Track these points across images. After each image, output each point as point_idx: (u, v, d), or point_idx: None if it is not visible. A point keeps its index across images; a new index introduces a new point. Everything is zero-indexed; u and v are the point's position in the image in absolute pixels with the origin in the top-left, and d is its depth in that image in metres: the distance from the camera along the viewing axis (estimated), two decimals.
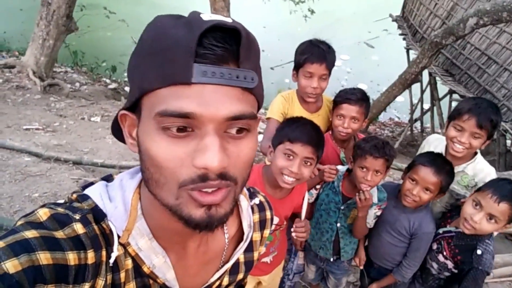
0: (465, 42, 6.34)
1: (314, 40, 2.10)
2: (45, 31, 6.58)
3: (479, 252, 1.79)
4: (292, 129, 1.61)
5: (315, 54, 2.00)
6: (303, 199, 1.84)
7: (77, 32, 7.16)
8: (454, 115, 1.90)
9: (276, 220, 1.71)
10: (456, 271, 1.90)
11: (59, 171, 3.86)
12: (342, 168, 2.01)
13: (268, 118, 2.17)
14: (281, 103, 2.17)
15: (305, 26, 12.05)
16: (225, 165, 0.53)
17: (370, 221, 2.00)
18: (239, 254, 0.81)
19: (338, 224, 2.03)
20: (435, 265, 2.00)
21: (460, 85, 6.27)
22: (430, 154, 1.92)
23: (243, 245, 0.81)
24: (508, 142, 6.03)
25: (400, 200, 1.97)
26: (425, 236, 1.93)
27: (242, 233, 0.82)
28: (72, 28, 6.90)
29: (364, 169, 1.82)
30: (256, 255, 0.90)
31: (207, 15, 0.53)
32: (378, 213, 2.00)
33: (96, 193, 0.66)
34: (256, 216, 0.89)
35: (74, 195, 0.65)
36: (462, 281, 1.82)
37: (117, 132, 0.69)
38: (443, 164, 1.83)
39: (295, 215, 1.87)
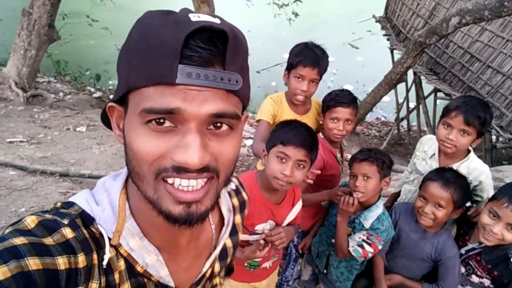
0: (448, 41, 6.44)
1: (309, 43, 2.10)
2: (26, 41, 6.45)
3: None
4: (285, 132, 1.60)
5: (309, 58, 2.01)
6: (293, 205, 1.81)
7: (59, 41, 7.03)
8: (444, 113, 1.93)
9: (272, 224, 1.71)
10: (493, 286, 1.79)
11: (45, 184, 3.77)
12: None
13: (258, 121, 2.15)
14: (271, 105, 2.16)
15: (290, 29, 12.06)
16: (205, 163, 0.55)
17: (353, 245, 1.87)
18: (224, 239, 0.82)
19: (333, 240, 1.99)
20: None
21: (444, 83, 6.36)
22: (440, 169, 1.87)
23: (226, 230, 0.82)
24: (494, 138, 6.13)
25: (419, 223, 1.86)
26: (450, 261, 1.83)
27: (223, 218, 0.84)
28: (54, 37, 6.77)
29: (354, 177, 1.83)
30: (240, 235, 0.93)
31: (196, 15, 0.54)
32: (369, 249, 1.83)
33: (82, 199, 0.66)
34: (235, 200, 0.91)
35: (59, 204, 0.65)
36: None
37: (106, 120, 0.69)
38: (452, 177, 1.76)
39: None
